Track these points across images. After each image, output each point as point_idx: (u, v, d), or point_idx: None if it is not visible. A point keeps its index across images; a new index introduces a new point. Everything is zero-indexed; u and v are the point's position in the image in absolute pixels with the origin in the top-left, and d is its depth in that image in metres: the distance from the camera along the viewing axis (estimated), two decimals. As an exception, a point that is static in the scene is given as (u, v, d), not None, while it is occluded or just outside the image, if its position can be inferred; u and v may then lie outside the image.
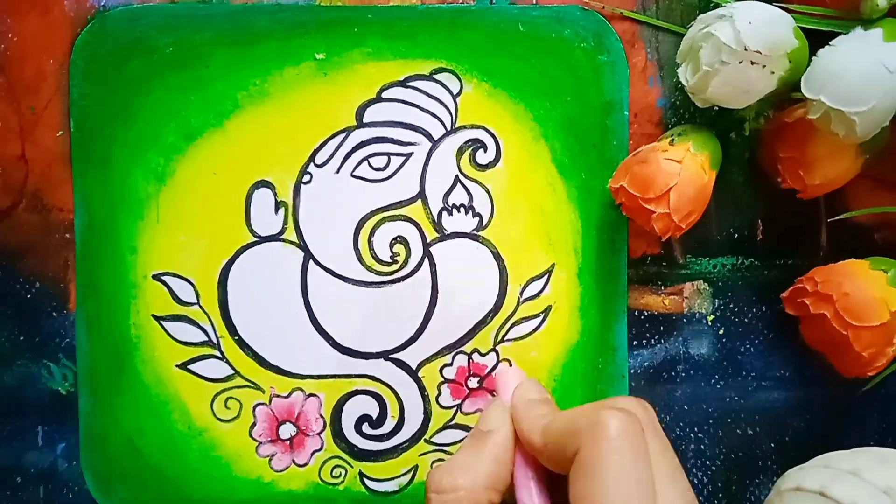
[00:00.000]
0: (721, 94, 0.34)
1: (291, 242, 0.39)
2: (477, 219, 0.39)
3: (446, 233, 0.39)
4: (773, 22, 0.33)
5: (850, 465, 0.33)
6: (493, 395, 0.36)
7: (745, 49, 0.32)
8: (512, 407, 0.32)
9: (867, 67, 0.32)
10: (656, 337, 0.40)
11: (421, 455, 0.39)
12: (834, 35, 0.33)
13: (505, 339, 0.39)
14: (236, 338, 0.39)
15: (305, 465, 0.39)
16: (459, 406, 0.39)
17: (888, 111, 0.32)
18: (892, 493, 0.31)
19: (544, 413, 0.31)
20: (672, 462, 0.29)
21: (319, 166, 0.38)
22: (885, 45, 0.32)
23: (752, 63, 0.33)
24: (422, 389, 0.39)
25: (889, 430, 0.41)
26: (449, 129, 0.39)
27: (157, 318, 0.38)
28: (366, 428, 0.39)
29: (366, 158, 0.39)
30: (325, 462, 0.39)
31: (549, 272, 0.39)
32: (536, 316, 0.40)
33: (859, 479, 0.32)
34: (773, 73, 0.33)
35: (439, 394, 0.39)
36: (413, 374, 0.39)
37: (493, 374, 0.38)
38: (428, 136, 0.39)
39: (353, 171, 0.39)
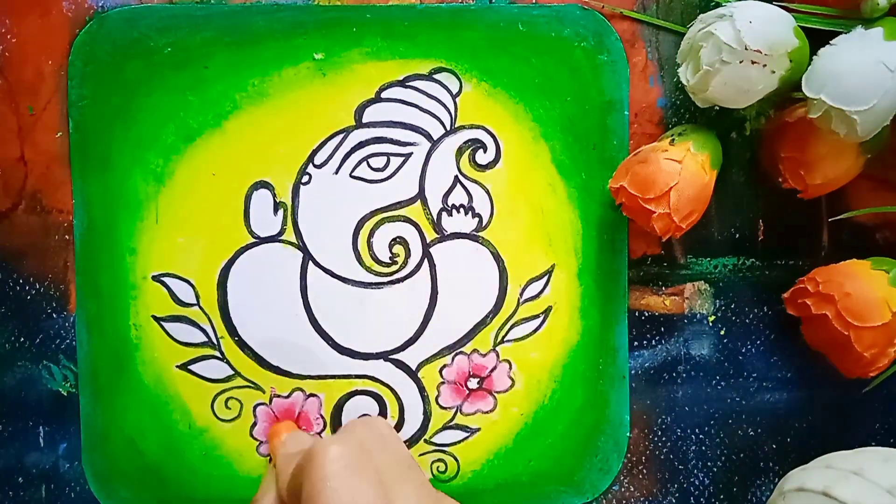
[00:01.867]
0: (721, 93, 0.34)
1: (291, 243, 0.39)
2: (476, 219, 0.39)
3: (446, 233, 0.39)
4: (774, 21, 0.33)
5: (853, 465, 0.33)
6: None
7: (746, 48, 0.32)
8: (276, 468, 0.33)
9: (868, 67, 0.32)
10: (657, 338, 0.40)
11: (421, 455, 0.39)
12: (835, 34, 0.33)
13: (505, 339, 0.39)
14: (236, 338, 0.39)
15: (306, 465, 0.39)
16: (459, 407, 0.39)
17: (889, 110, 0.32)
18: (896, 492, 0.31)
19: (292, 459, 0.32)
20: (404, 464, 0.30)
21: (318, 167, 0.38)
22: (885, 44, 0.32)
23: (753, 62, 0.32)
24: (421, 390, 0.39)
25: (891, 431, 0.41)
26: (448, 129, 0.39)
27: (157, 319, 0.38)
28: (366, 428, 0.39)
29: (365, 159, 0.38)
30: (325, 462, 0.39)
31: (549, 273, 0.39)
32: (536, 317, 0.39)
33: (863, 479, 0.32)
34: (773, 72, 0.33)
35: (439, 394, 0.39)
36: (413, 374, 0.39)
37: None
38: (427, 136, 0.39)
39: (352, 171, 0.38)
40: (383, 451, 0.30)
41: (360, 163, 0.38)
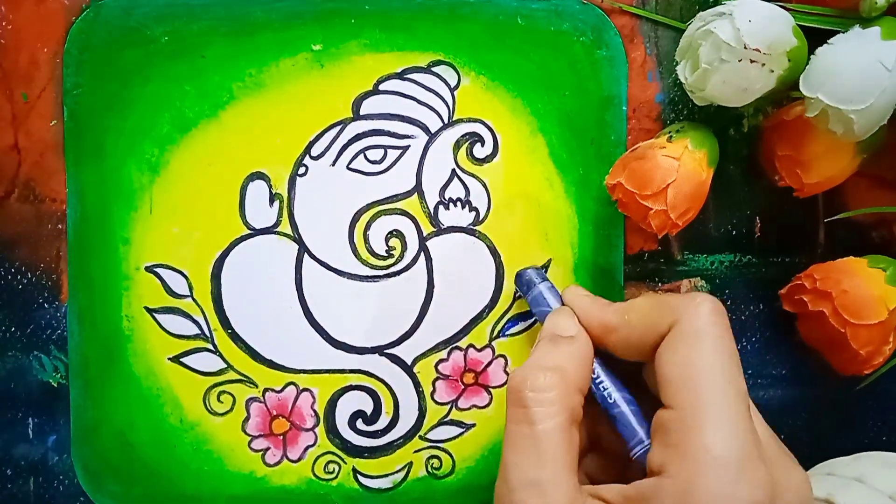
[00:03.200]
0: (720, 92, 0.34)
1: (286, 235, 0.38)
2: (474, 213, 0.39)
3: (443, 227, 0.39)
4: (773, 20, 0.33)
5: (855, 471, 0.34)
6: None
7: (745, 47, 0.32)
8: (569, 303, 0.34)
9: (865, 66, 0.32)
10: (652, 334, 0.40)
11: (416, 452, 0.39)
12: (833, 34, 0.33)
13: (501, 334, 0.39)
14: (229, 331, 0.38)
15: (299, 460, 0.39)
16: (455, 402, 0.39)
17: (886, 109, 0.32)
18: (899, 498, 0.32)
19: (606, 301, 0.33)
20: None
21: (315, 158, 0.38)
22: (882, 43, 0.32)
23: (752, 61, 0.32)
24: (417, 385, 0.39)
25: (886, 428, 0.41)
26: (446, 122, 0.39)
27: (150, 311, 0.38)
28: (360, 424, 0.39)
29: (362, 151, 0.38)
30: (318, 458, 0.39)
31: (545, 267, 0.39)
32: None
33: (865, 486, 0.32)
34: (772, 71, 0.33)
35: (434, 390, 0.39)
36: (408, 369, 0.39)
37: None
38: (425, 129, 0.38)
39: (349, 163, 0.38)
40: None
41: (357, 155, 0.38)
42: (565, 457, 0.29)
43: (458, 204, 0.39)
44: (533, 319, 0.39)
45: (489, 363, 0.39)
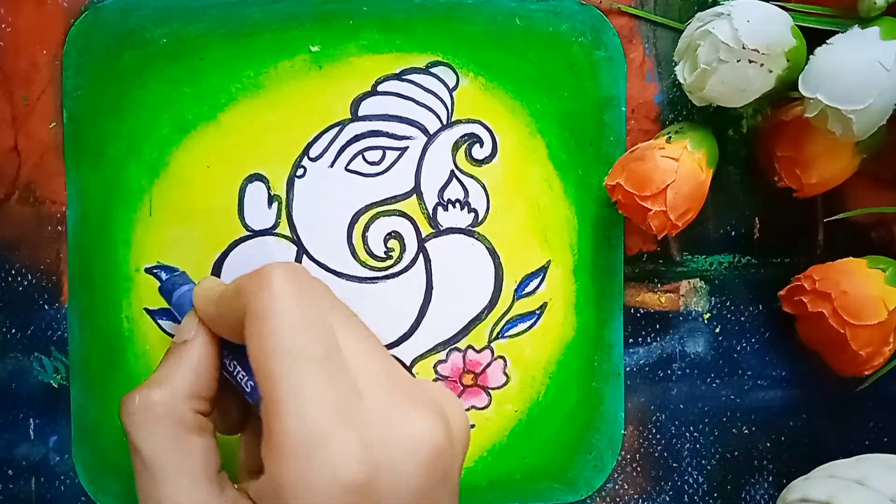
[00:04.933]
0: (718, 92, 0.34)
1: (285, 237, 0.38)
2: (472, 214, 0.39)
3: (441, 228, 0.39)
4: (772, 20, 0.33)
5: (856, 473, 0.34)
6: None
7: (744, 47, 0.32)
8: (195, 300, 0.31)
9: (864, 66, 0.32)
10: (652, 335, 0.40)
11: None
12: (832, 34, 0.33)
13: (500, 335, 0.39)
14: (229, 332, 0.38)
15: (298, 460, 0.39)
16: (453, 402, 0.39)
17: (885, 110, 0.32)
18: (901, 500, 0.32)
19: (216, 286, 0.30)
20: (344, 308, 0.28)
21: (313, 160, 0.38)
22: (882, 43, 0.32)
23: (750, 62, 0.32)
24: (415, 386, 0.39)
25: (885, 430, 0.41)
26: (445, 123, 0.39)
27: (150, 312, 0.38)
28: (359, 424, 0.39)
29: (360, 152, 0.38)
30: (318, 458, 0.39)
31: (544, 269, 0.39)
32: (532, 313, 0.39)
33: (866, 489, 0.32)
34: (771, 71, 0.33)
35: (433, 390, 0.39)
36: (407, 370, 0.39)
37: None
38: (423, 130, 0.38)
39: (347, 165, 0.38)
40: (324, 287, 0.29)
41: (355, 156, 0.38)
42: (181, 470, 0.27)
43: (457, 205, 0.39)
44: (533, 320, 0.39)
45: (488, 364, 0.39)
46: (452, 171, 0.39)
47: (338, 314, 0.28)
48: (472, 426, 0.36)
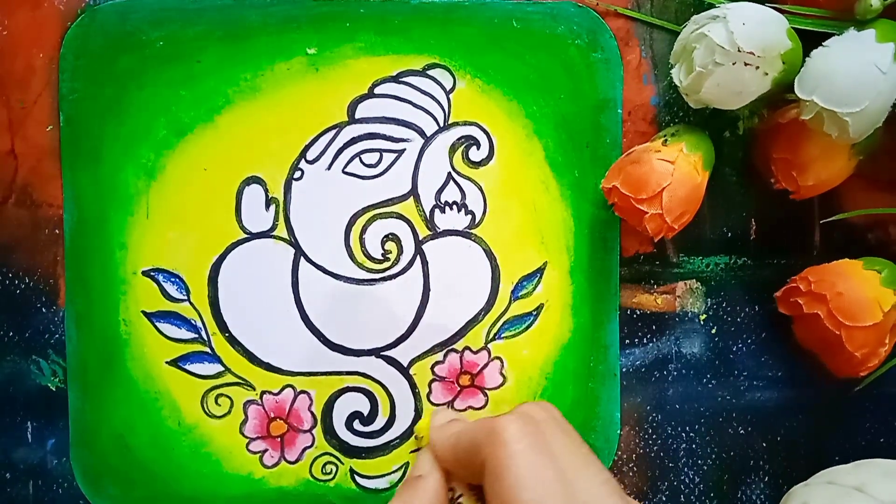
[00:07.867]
0: (714, 95, 0.34)
1: (282, 239, 0.38)
2: (469, 216, 0.39)
3: (438, 230, 0.39)
4: (767, 23, 0.33)
5: (855, 480, 0.34)
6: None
7: (739, 50, 0.32)
8: (430, 438, 0.34)
9: (860, 68, 0.32)
10: (648, 336, 0.40)
11: (412, 452, 0.39)
12: (827, 36, 0.33)
13: (497, 336, 0.39)
14: (227, 335, 0.38)
15: (296, 461, 0.39)
16: (451, 403, 0.39)
17: (881, 112, 0.32)
18: (899, 507, 0.32)
19: (454, 432, 0.32)
20: (583, 453, 0.30)
21: (311, 162, 0.38)
22: (877, 45, 0.32)
23: (746, 64, 0.32)
24: (413, 387, 0.39)
25: (881, 431, 0.41)
26: (442, 125, 0.39)
27: (147, 315, 0.38)
28: (357, 425, 0.39)
29: (357, 155, 0.38)
30: (315, 459, 0.39)
31: (541, 270, 0.39)
32: (528, 314, 0.39)
33: (865, 496, 0.32)
34: (766, 74, 0.33)
35: (430, 391, 0.39)
36: (404, 371, 0.39)
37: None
38: (420, 132, 0.38)
39: (344, 167, 0.38)
40: (561, 433, 0.31)
41: (352, 159, 0.38)
42: None
43: (454, 207, 0.39)
44: (530, 321, 0.39)
45: (485, 365, 0.39)
46: (449, 174, 0.39)
47: (575, 460, 0.29)
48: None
